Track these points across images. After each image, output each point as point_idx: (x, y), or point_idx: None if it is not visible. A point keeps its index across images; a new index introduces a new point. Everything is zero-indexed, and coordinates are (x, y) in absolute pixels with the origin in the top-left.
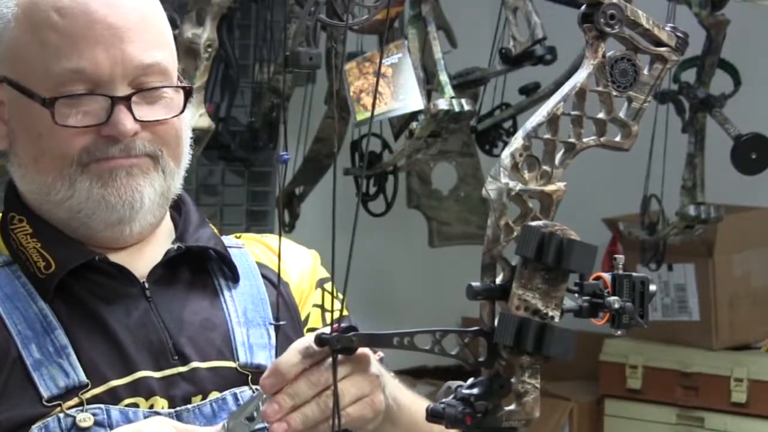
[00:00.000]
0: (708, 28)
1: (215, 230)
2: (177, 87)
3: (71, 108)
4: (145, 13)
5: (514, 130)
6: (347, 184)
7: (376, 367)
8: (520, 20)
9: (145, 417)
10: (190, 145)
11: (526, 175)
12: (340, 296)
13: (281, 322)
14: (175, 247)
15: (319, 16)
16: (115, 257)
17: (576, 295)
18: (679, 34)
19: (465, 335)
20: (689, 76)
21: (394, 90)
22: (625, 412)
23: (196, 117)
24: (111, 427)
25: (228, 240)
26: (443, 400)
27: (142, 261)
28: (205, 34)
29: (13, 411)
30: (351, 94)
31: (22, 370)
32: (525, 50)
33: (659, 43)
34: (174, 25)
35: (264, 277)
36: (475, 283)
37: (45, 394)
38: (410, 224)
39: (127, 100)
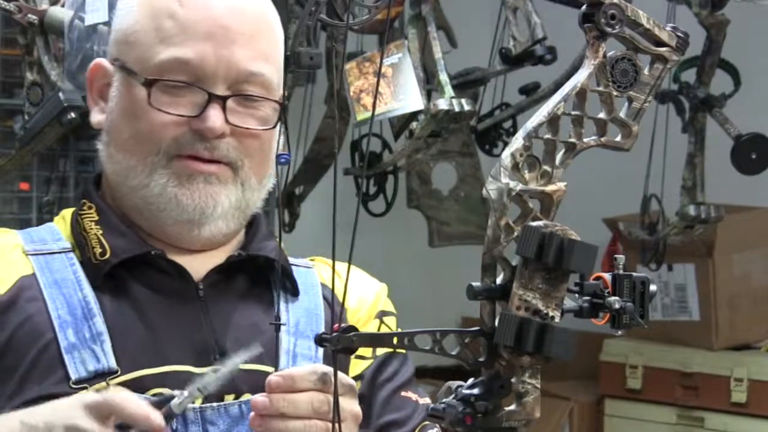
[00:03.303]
0: (708, 28)
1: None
2: (272, 100)
3: (168, 96)
4: (263, 24)
5: (514, 130)
6: (347, 184)
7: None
8: (520, 20)
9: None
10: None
11: (527, 175)
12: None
13: (281, 323)
14: (236, 253)
15: (320, 16)
16: (176, 257)
17: (576, 295)
18: (679, 34)
19: (465, 335)
20: (689, 76)
21: (394, 90)
22: (625, 412)
23: None
24: None
25: (299, 260)
26: (443, 400)
27: (202, 264)
28: None
29: (39, 388)
30: (351, 94)
31: (55, 352)
32: (525, 50)
33: (660, 43)
34: None
35: (324, 297)
36: (476, 283)
37: (73, 376)
38: (410, 224)
39: (223, 100)
